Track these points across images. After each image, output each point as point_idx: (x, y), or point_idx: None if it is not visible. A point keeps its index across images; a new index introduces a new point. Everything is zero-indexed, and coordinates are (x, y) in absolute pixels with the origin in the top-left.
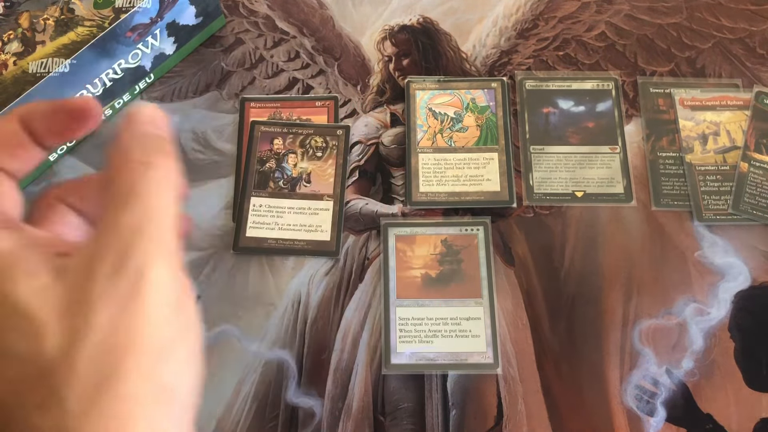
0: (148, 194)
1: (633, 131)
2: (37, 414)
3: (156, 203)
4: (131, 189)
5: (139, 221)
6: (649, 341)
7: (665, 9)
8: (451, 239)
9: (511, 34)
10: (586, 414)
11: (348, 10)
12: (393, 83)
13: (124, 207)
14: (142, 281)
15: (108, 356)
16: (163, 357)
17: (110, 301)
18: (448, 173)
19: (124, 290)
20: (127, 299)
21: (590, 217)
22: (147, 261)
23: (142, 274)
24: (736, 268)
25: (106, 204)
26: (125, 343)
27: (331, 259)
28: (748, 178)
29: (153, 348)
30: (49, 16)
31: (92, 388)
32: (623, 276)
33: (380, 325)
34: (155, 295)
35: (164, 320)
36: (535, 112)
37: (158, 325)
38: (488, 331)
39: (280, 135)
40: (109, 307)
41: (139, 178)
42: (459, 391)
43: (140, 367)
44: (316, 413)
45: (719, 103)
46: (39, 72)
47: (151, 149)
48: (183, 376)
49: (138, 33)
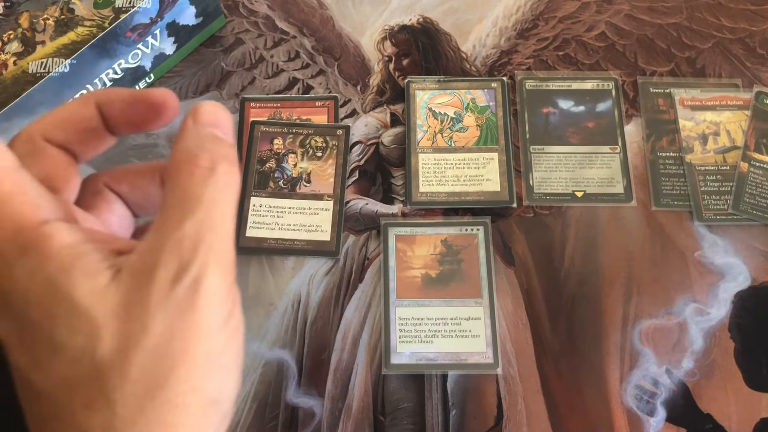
0: (212, 203)
1: (633, 131)
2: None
3: (218, 213)
4: (196, 196)
5: (202, 230)
6: (649, 341)
7: (665, 9)
8: (451, 239)
9: (511, 34)
10: (586, 414)
11: (348, 10)
12: (393, 83)
13: (186, 214)
14: (199, 291)
15: (161, 363)
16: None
17: (167, 308)
18: (448, 173)
19: (182, 299)
20: (183, 308)
21: (590, 217)
22: (205, 271)
23: (199, 283)
24: (736, 268)
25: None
26: (179, 352)
27: (331, 259)
28: (748, 178)
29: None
30: (49, 16)
31: (143, 394)
32: (623, 276)
33: (380, 325)
34: (210, 307)
35: (216, 331)
36: (535, 112)
37: (210, 337)
38: (488, 331)
39: (280, 135)
40: (166, 314)
41: (203, 186)
42: (459, 391)
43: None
44: (316, 413)
45: (719, 103)
46: (39, 72)
47: (217, 155)
48: (227, 387)
49: (138, 33)
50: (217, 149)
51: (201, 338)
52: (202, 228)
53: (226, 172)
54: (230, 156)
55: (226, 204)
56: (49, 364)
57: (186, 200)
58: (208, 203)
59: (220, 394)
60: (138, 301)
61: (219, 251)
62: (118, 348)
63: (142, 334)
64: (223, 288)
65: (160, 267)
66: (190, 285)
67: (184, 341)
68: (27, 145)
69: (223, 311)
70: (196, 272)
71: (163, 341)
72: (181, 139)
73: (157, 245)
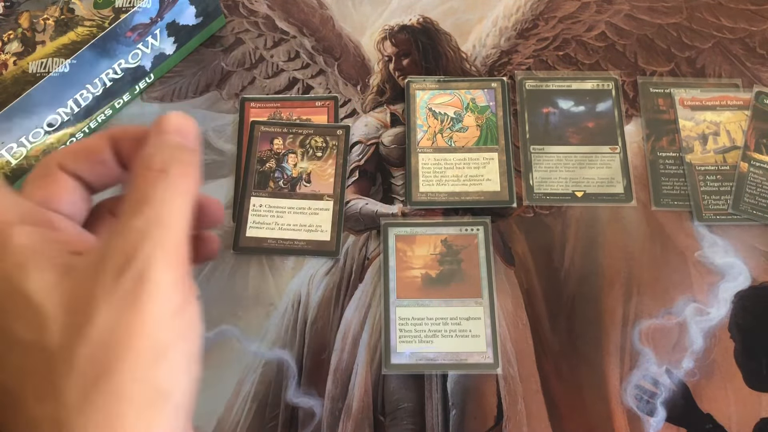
0: (160, 201)
1: (633, 131)
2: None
3: (167, 211)
4: (144, 196)
5: (147, 226)
6: (649, 341)
7: (665, 9)
8: (451, 239)
9: (511, 34)
10: (586, 414)
11: (348, 10)
12: (393, 83)
13: (135, 212)
14: (145, 284)
15: (105, 354)
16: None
17: (112, 300)
18: (448, 173)
19: (126, 291)
20: (128, 300)
21: (590, 217)
22: (150, 264)
23: (145, 277)
24: (736, 268)
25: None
26: (123, 343)
27: (331, 259)
28: (748, 178)
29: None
30: (49, 16)
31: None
32: (623, 276)
33: (380, 325)
34: (156, 298)
35: (163, 323)
36: (535, 112)
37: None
38: (488, 331)
39: (280, 135)
40: (111, 306)
41: (153, 186)
42: (459, 391)
43: (136, 367)
44: (316, 413)
45: (719, 103)
46: (39, 72)
47: (170, 158)
48: (179, 380)
49: (138, 33)
50: (173, 153)
51: (146, 330)
52: (149, 224)
53: (178, 174)
54: (185, 159)
55: (175, 203)
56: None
57: (137, 200)
58: (158, 202)
59: (169, 386)
60: (84, 293)
61: (167, 246)
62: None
63: (87, 325)
64: (170, 281)
65: (106, 260)
66: (134, 277)
67: (129, 333)
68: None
69: (171, 304)
70: (141, 265)
71: (108, 332)
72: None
73: (107, 242)
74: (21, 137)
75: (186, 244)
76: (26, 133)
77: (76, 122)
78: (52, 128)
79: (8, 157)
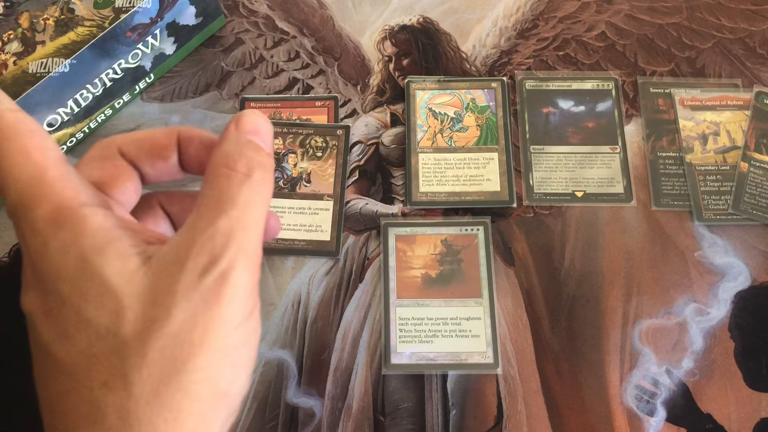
0: (246, 205)
1: (633, 131)
2: (101, 391)
3: (250, 215)
4: (228, 197)
5: (234, 228)
6: (649, 341)
7: (665, 9)
8: (451, 239)
9: (511, 34)
10: (586, 414)
11: (348, 10)
12: (393, 83)
13: (219, 213)
14: (226, 285)
15: (180, 350)
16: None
17: (193, 297)
18: (448, 173)
19: (208, 291)
20: (208, 299)
21: (590, 217)
22: (233, 266)
23: (226, 277)
24: (736, 268)
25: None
26: (198, 341)
27: (331, 259)
28: (748, 178)
29: (220, 351)
30: (49, 16)
31: (159, 377)
32: (623, 276)
33: (380, 325)
34: (233, 301)
35: (235, 327)
36: (535, 112)
37: (229, 330)
38: (488, 331)
39: (280, 135)
40: (190, 303)
41: (237, 188)
42: (459, 391)
43: (207, 367)
44: (316, 413)
45: (719, 103)
46: (39, 72)
47: (254, 162)
48: (238, 383)
49: (138, 33)
50: (255, 156)
51: (221, 331)
52: (235, 226)
53: (260, 179)
54: (266, 164)
55: (259, 208)
56: (73, 338)
57: (221, 200)
58: (242, 205)
59: (231, 388)
60: (165, 287)
61: (248, 250)
62: (140, 330)
63: (165, 319)
64: (248, 285)
65: (190, 258)
66: (217, 278)
67: (205, 331)
68: (101, 150)
69: (245, 308)
70: (225, 266)
71: (185, 329)
72: (222, 144)
73: (190, 239)
74: None
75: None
76: None
77: (76, 122)
78: (52, 128)
79: None
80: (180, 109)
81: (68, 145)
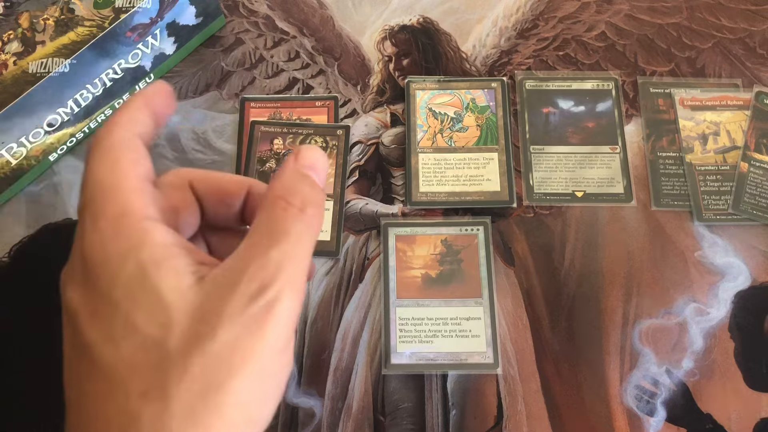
0: (296, 238)
1: (633, 131)
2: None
3: (301, 249)
4: (283, 229)
5: (284, 260)
6: (649, 341)
7: (665, 9)
8: (451, 239)
9: (511, 34)
10: (586, 414)
11: (348, 10)
12: (393, 83)
13: (273, 243)
14: (271, 314)
15: (219, 370)
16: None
17: (239, 321)
18: (448, 173)
19: (254, 317)
20: (253, 326)
21: (590, 217)
22: (280, 297)
23: (273, 306)
24: (736, 268)
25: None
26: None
27: (331, 258)
28: (748, 178)
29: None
30: (49, 16)
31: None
32: (623, 276)
33: (380, 325)
34: (277, 329)
35: (273, 355)
36: (535, 112)
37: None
38: (488, 331)
39: (280, 135)
40: (235, 326)
41: (292, 222)
42: (459, 391)
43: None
44: (316, 413)
45: (719, 103)
46: (39, 72)
47: (309, 198)
48: (266, 411)
49: (138, 33)
50: (310, 193)
51: (260, 357)
52: (285, 258)
53: (313, 215)
54: (319, 201)
55: (308, 243)
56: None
57: (275, 231)
58: (294, 238)
59: (260, 417)
60: (214, 308)
61: (295, 283)
62: (185, 345)
63: (210, 338)
64: (291, 317)
65: (242, 283)
66: (264, 305)
67: (245, 356)
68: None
69: (285, 337)
70: (273, 295)
71: (227, 350)
72: (282, 175)
73: (243, 265)
74: (21, 137)
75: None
76: (26, 133)
77: (76, 122)
78: (52, 128)
79: (8, 157)
80: (180, 109)
81: (68, 145)
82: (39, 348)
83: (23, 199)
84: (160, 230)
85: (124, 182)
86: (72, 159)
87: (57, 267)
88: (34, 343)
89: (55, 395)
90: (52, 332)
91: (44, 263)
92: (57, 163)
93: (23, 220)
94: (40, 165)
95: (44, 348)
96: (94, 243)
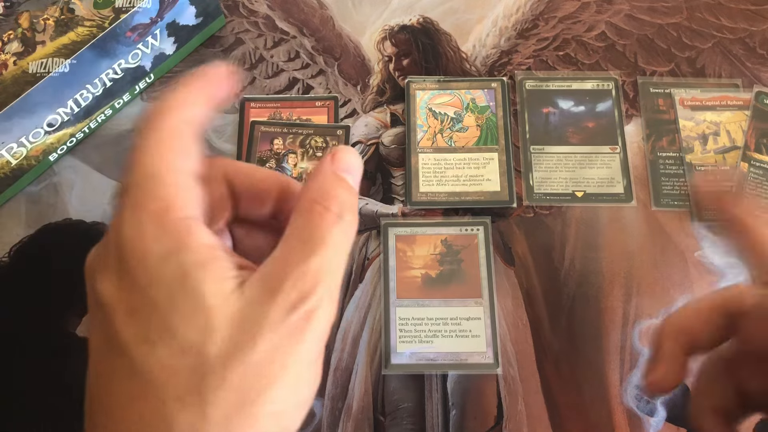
0: (335, 247)
1: (633, 131)
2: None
3: (338, 257)
4: (322, 237)
5: (323, 269)
6: (649, 341)
7: (665, 9)
8: (451, 239)
9: (511, 34)
10: (586, 414)
11: (348, 10)
12: (393, 83)
13: (313, 251)
14: (309, 325)
15: (258, 380)
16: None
17: (279, 331)
18: (448, 173)
19: (293, 328)
20: (291, 337)
21: (590, 217)
22: (319, 308)
23: (311, 318)
24: (736, 268)
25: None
26: (275, 374)
27: None
28: (748, 178)
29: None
30: (49, 16)
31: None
32: (623, 276)
33: (380, 325)
34: (314, 338)
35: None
36: (535, 112)
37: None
38: (488, 331)
39: (280, 135)
40: (275, 336)
41: (329, 229)
42: (459, 391)
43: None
44: (316, 413)
45: (719, 103)
46: (39, 72)
47: (346, 204)
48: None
49: (138, 33)
50: (348, 198)
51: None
52: (324, 267)
53: (350, 222)
54: (355, 206)
55: (345, 251)
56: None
57: (314, 238)
58: (332, 247)
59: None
60: (254, 316)
61: (332, 292)
62: (225, 353)
63: (250, 347)
64: (326, 328)
65: (283, 291)
66: (303, 315)
67: (283, 365)
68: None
69: (320, 347)
70: (312, 305)
71: (266, 359)
72: (318, 177)
73: (282, 272)
74: (21, 137)
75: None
76: (26, 133)
77: (76, 122)
78: (52, 128)
79: (8, 157)
80: None
81: (68, 145)
82: (39, 348)
83: (23, 199)
84: (203, 231)
85: (170, 176)
86: (72, 159)
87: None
88: (34, 343)
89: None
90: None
91: (44, 263)
92: (57, 163)
93: (23, 220)
94: (40, 165)
95: (44, 348)
96: (135, 238)
